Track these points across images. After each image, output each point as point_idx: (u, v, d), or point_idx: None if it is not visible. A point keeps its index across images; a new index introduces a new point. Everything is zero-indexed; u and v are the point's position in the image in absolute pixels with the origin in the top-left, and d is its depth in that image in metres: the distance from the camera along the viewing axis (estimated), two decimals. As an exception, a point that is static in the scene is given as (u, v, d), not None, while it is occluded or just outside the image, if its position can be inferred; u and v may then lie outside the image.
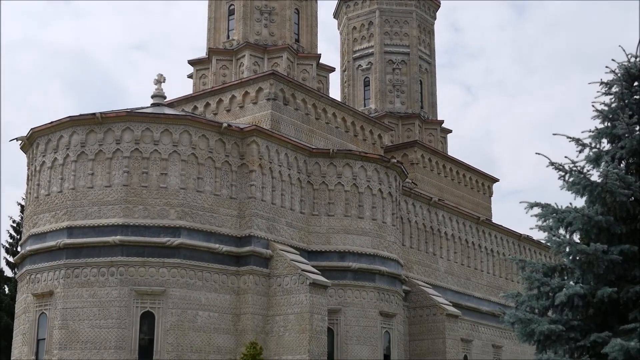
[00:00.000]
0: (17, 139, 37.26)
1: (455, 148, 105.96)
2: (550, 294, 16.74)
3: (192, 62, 47.13)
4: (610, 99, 17.97)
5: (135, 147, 33.75)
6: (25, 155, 37.65)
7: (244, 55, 44.52)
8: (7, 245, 52.72)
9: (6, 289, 50.66)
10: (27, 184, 37.04)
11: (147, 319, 32.39)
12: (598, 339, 15.89)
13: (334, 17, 61.84)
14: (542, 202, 17.36)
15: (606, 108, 17.85)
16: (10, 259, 51.03)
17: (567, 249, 16.76)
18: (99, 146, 33.91)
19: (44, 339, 32.97)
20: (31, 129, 35.75)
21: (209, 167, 34.54)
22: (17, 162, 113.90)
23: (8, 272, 51.91)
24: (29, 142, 36.46)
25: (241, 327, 33.71)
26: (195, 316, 32.79)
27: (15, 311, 36.76)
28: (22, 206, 50.16)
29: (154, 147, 33.81)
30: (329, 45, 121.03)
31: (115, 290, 32.33)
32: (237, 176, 35.19)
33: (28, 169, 37.05)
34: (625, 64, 17.91)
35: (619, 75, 17.89)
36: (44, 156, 35.14)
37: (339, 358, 36.14)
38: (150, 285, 32.49)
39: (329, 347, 35.12)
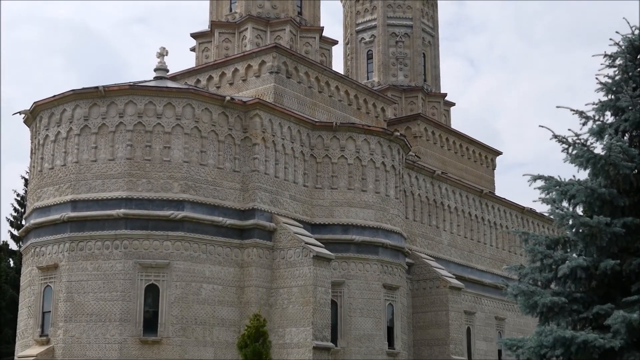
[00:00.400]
0: (20, 112, 37.27)
1: (459, 121, 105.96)
2: (553, 266, 16.79)
3: (194, 36, 46.99)
4: (614, 71, 17.92)
5: (139, 120, 33.77)
6: (28, 129, 37.68)
7: (247, 29, 44.37)
8: (12, 219, 52.94)
9: (11, 262, 50.94)
10: (31, 158, 37.10)
11: (152, 292, 32.57)
12: (601, 310, 15.96)
13: (337, -10, 61.48)
14: (546, 175, 17.37)
15: (610, 81, 17.80)
16: (15, 232, 51.25)
17: (570, 222, 16.79)
18: (102, 120, 33.93)
19: (49, 311, 33.19)
20: (34, 102, 35.76)
21: (212, 141, 34.56)
22: (21, 135, 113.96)
23: (13, 246, 52.18)
24: (32, 116, 36.48)
25: (245, 300, 33.87)
26: (199, 289, 32.96)
27: (21, 284, 36.98)
28: (26, 180, 50.28)
29: (157, 120, 33.83)
30: (332, 18, 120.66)
31: (120, 263, 32.48)
32: (240, 149, 35.21)
33: (31, 142, 37.09)
34: (629, 36, 17.84)
35: (622, 47, 17.83)
36: (47, 130, 35.17)
37: (342, 330, 36.33)
38: (154, 258, 32.63)
39: (333, 320, 35.31)
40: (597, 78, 17.91)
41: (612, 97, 17.72)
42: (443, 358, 41.42)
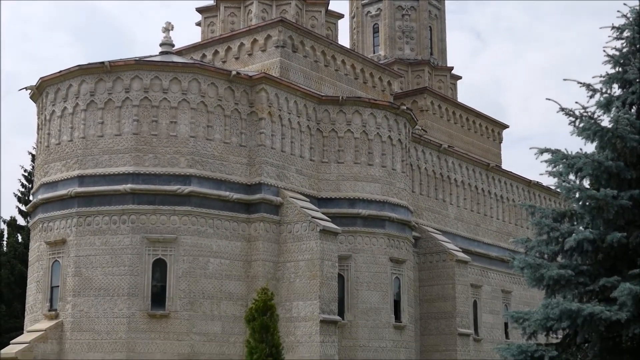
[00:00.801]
0: (26, 88, 37.29)
1: (465, 95, 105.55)
2: (559, 239, 16.80)
3: (200, 10, 46.84)
4: (622, 43, 17.84)
5: (145, 95, 33.76)
6: (35, 104, 37.72)
7: (252, 3, 44.21)
8: (19, 194, 53.12)
9: (19, 237, 51.14)
10: (38, 133, 37.17)
11: (159, 266, 32.72)
12: (607, 283, 16.00)
13: (343, -37, 61.20)
14: (552, 148, 17.35)
15: (617, 53, 17.74)
16: (23, 208, 51.44)
17: (577, 195, 16.79)
18: (108, 95, 33.94)
19: (58, 286, 33.39)
20: (40, 78, 35.76)
21: (219, 115, 34.55)
22: (27, 111, 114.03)
23: (21, 221, 52.38)
24: (38, 92, 36.50)
25: (252, 274, 34.01)
26: (206, 263, 33.09)
27: (29, 259, 37.16)
28: (33, 155, 50.39)
29: (163, 95, 33.82)
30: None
31: (127, 238, 32.61)
32: (246, 124, 35.20)
33: (38, 118, 37.14)
34: (637, 8, 17.74)
35: (630, 19, 17.74)
36: (53, 105, 35.20)
37: (349, 304, 36.48)
38: (161, 232, 32.74)
39: (340, 293, 35.44)
40: (604, 50, 17.86)
41: (620, 69, 17.66)
42: (449, 331, 41.61)
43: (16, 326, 43.81)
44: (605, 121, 17.15)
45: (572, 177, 17.13)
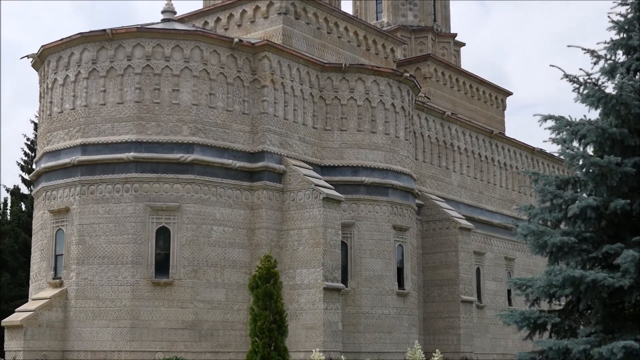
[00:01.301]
0: (28, 56, 37.16)
1: (469, 62, 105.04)
2: (563, 206, 16.78)
3: (201, -23, 46.51)
4: (627, 9, 17.69)
5: (147, 63, 33.64)
6: (36, 72, 37.60)
7: (255, -31, 43.83)
8: (23, 163, 53.13)
9: (23, 206, 51.21)
10: (40, 102, 37.09)
11: (163, 235, 32.80)
12: (610, 250, 16.00)
13: None
14: (556, 115, 17.27)
15: (622, 19, 17.59)
16: (26, 177, 51.47)
17: (581, 162, 16.74)
18: (110, 63, 33.81)
19: (62, 254, 33.49)
20: (42, 46, 35.61)
21: (221, 83, 34.44)
22: (30, 80, 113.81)
23: (24, 190, 52.43)
24: (40, 60, 36.37)
25: (256, 242, 34.08)
26: (210, 231, 33.16)
27: (33, 228, 37.26)
28: (35, 124, 50.32)
29: (165, 63, 33.69)
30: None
31: (131, 206, 32.65)
32: (249, 92, 35.10)
33: (40, 86, 37.04)
34: (643, -27, 17.55)
35: (635, -16, 17.56)
36: (55, 73, 35.10)
37: (352, 271, 36.58)
38: (165, 201, 32.78)
39: (343, 261, 35.54)
40: (609, 16, 17.70)
41: (624, 35, 17.52)
42: (452, 298, 41.77)
43: (21, 294, 44.01)
44: (610, 88, 17.06)
45: (575, 144, 17.07)
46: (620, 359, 14.83)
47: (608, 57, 17.44)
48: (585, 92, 16.97)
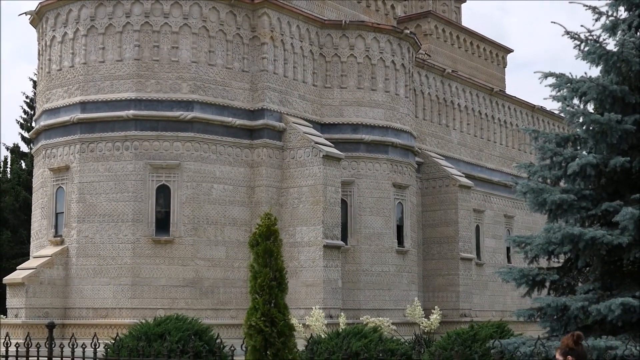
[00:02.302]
0: (26, 13, 36.92)
1: (469, 19, 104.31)
2: (562, 163, 16.76)
3: None
4: (629, -35, 17.50)
5: (146, 20, 33.42)
6: (35, 30, 37.38)
7: None
8: (22, 121, 53.05)
9: (23, 164, 51.25)
10: (39, 59, 36.92)
11: (163, 192, 32.85)
12: (609, 207, 16.01)
13: None
14: (557, 72, 17.19)
15: (624, -25, 17.41)
16: (26, 135, 51.42)
17: (581, 119, 16.67)
18: (109, 20, 33.60)
19: (62, 212, 33.58)
20: (40, 2, 35.34)
21: (220, 40, 34.25)
22: (28, 37, 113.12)
23: (24, 148, 52.42)
24: (38, 17, 36.13)
25: (256, 199, 34.15)
26: (210, 189, 33.21)
27: (33, 186, 37.32)
28: (34, 82, 50.15)
29: (164, 20, 33.48)
30: None
31: (131, 164, 32.66)
32: (248, 49, 34.92)
33: (39, 44, 36.84)
34: None
35: (638, -60, 17.37)
36: (54, 31, 34.88)
37: (352, 229, 36.71)
38: (165, 159, 32.78)
39: (343, 218, 35.64)
40: (611, -28, 17.52)
41: (626, -9, 17.36)
42: (452, 255, 41.98)
43: (22, 252, 44.21)
44: (611, 45, 16.95)
45: (576, 101, 17.00)
46: (618, 315, 14.93)
47: (610, 13, 17.30)
48: (586, 49, 16.86)
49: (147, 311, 31.29)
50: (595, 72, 17.21)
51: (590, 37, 16.90)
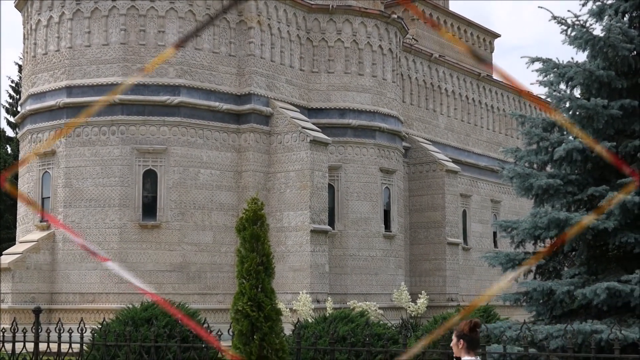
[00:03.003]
0: (11, -3, 36.65)
1: (456, 3, 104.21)
2: (549, 148, 16.80)
3: None
4: (616, -50, 17.51)
5: (132, 4, 33.24)
6: (20, 13, 37.12)
7: None
8: (7, 105, 52.79)
9: (8, 149, 51.03)
10: (24, 43, 36.69)
11: (150, 177, 32.78)
12: (595, 192, 16.08)
13: None
14: (544, 57, 17.21)
15: (611, -41, 17.42)
16: (11, 119, 51.18)
17: (567, 104, 16.73)
18: (95, 4, 33.39)
19: (49, 197, 33.47)
20: (25, -14, 35.10)
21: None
22: (13, 20, 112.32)
23: (10, 132, 52.19)
24: (23, 0, 35.86)
25: (243, 184, 34.12)
26: (197, 174, 33.15)
27: (19, 170, 37.15)
28: (20, 66, 49.87)
29: (150, 4, 33.31)
30: None
31: (117, 149, 32.56)
32: (235, 33, 34.80)
33: (24, 27, 36.60)
34: None
35: None
36: (39, 14, 34.66)
37: (339, 213, 36.74)
38: (151, 143, 32.68)
39: (330, 203, 35.66)
40: (598, -43, 17.52)
41: (613, -24, 17.37)
42: (439, 240, 42.07)
43: (8, 237, 44.10)
44: (598, 30, 17.02)
45: (562, 86, 17.05)
46: (603, 299, 15.01)
47: (596, -2, 17.31)
48: (573, 34, 16.88)
49: (134, 296, 31.25)
50: (582, 57, 17.31)
51: (577, 22, 16.92)
